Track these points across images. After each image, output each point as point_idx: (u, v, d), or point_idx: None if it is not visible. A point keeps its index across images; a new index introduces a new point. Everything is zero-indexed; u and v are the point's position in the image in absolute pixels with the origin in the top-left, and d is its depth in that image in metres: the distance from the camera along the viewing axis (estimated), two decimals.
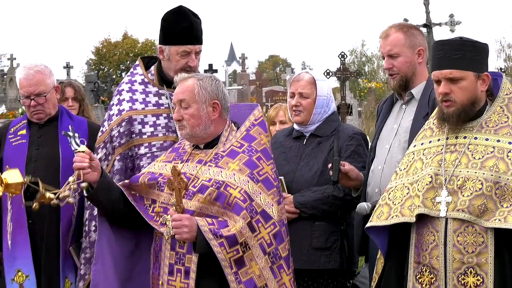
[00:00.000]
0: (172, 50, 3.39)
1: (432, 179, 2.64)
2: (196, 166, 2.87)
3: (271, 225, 2.76)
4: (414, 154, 2.79)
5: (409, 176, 2.75)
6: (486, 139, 2.64)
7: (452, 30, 16.40)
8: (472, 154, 2.63)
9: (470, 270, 2.56)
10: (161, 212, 2.87)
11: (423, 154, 2.75)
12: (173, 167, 2.76)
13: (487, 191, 2.55)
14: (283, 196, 3.37)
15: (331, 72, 14.29)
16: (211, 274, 2.73)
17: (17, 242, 3.60)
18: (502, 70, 21.67)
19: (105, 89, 21.51)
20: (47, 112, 3.74)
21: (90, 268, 3.43)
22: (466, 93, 2.65)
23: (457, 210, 2.57)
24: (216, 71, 21.20)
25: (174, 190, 2.72)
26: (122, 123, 3.41)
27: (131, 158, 3.41)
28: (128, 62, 36.16)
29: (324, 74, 13.38)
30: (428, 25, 15.62)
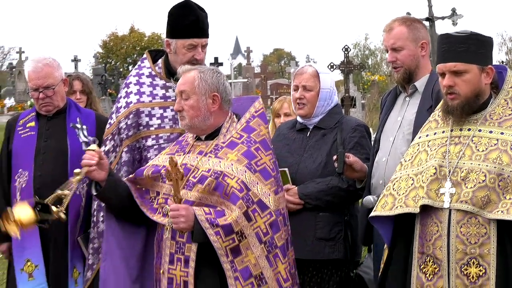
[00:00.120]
0: (179, 44, 3.41)
1: (436, 170, 2.66)
2: (197, 157, 2.91)
3: (268, 214, 2.78)
4: (419, 145, 2.81)
5: (414, 167, 2.76)
6: (490, 132, 2.65)
7: (454, 23, 16.34)
8: (476, 146, 2.64)
9: (473, 261, 2.57)
10: (163, 203, 2.91)
11: (428, 145, 2.76)
12: (170, 158, 2.79)
13: (490, 183, 2.56)
14: (288, 187, 3.42)
15: (335, 65, 14.29)
16: (210, 262, 2.76)
17: (26, 233, 3.65)
18: (504, 63, 21.63)
19: (112, 82, 21.58)
20: (56, 105, 3.77)
21: (98, 258, 3.48)
22: (470, 86, 2.66)
23: (461, 202, 2.59)
24: (221, 64, 21.25)
25: (172, 180, 2.75)
26: (130, 115, 3.44)
27: (139, 150, 3.43)
28: (135, 56, 36.25)
29: (328, 67, 13.40)
30: (431, 19, 15.57)
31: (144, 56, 3.62)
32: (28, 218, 2.92)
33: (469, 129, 2.69)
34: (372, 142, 3.44)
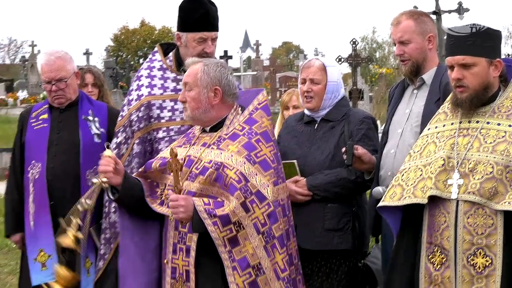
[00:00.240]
0: (189, 37, 3.44)
1: (445, 162, 2.67)
2: (200, 149, 2.93)
3: (266, 205, 2.78)
4: (428, 137, 2.82)
5: (423, 159, 2.77)
6: (498, 124, 2.65)
7: (461, 17, 16.28)
8: (484, 138, 2.65)
9: (480, 251, 2.58)
10: (167, 194, 2.93)
11: (437, 137, 2.77)
12: (170, 149, 2.81)
13: (497, 175, 2.57)
14: (296, 179, 3.45)
15: (343, 58, 14.26)
16: (210, 252, 2.77)
17: (39, 223, 3.68)
18: (510, 56, 21.50)
19: (123, 75, 21.68)
20: (68, 97, 3.81)
21: (110, 248, 3.54)
22: (478, 79, 2.67)
23: (468, 193, 2.60)
24: (231, 57, 21.25)
25: (172, 172, 2.78)
26: (141, 108, 3.47)
27: (150, 142, 3.47)
28: (145, 49, 36.35)
29: (336, 60, 13.37)
30: (437, 12, 15.52)
31: (156, 49, 3.65)
32: (67, 276, 3.02)
33: (477, 121, 2.70)
34: (380, 134, 3.46)
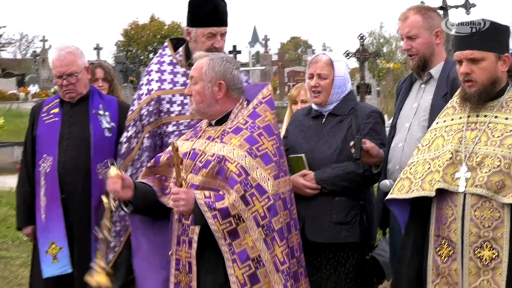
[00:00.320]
0: (199, 32, 3.47)
1: (452, 155, 2.68)
2: (205, 142, 2.94)
3: (266, 198, 2.79)
4: (436, 130, 2.83)
5: (431, 152, 2.79)
6: (506, 118, 2.66)
7: (468, 12, 16.20)
8: (492, 132, 2.66)
9: (486, 244, 2.59)
10: (170, 187, 2.95)
11: (445, 131, 2.79)
12: (172, 143, 2.83)
13: (505, 168, 2.58)
14: (304, 173, 3.48)
15: (351, 53, 14.25)
16: (212, 245, 2.79)
17: (51, 216, 3.71)
18: None
19: (133, 70, 21.78)
20: (79, 92, 3.84)
21: (120, 241, 3.58)
22: (487, 74, 2.68)
23: (475, 186, 2.61)
24: (240, 52, 21.29)
25: (174, 165, 2.80)
26: (151, 102, 3.50)
27: (160, 136, 3.50)
28: (155, 44, 36.45)
29: (344, 55, 13.37)
30: (444, 8, 15.45)
31: (166, 44, 3.68)
32: (106, 282, 2.97)
33: (485, 116, 2.71)
34: (388, 128, 3.48)
